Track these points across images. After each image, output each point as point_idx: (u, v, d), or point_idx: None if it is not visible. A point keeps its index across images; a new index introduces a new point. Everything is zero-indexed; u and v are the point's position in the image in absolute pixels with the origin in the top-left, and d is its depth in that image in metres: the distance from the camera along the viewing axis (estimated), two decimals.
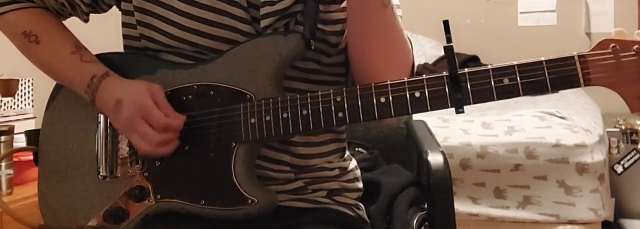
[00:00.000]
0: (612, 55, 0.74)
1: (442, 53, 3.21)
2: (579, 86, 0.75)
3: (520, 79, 0.76)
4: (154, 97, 0.87)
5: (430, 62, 3.06)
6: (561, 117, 2.13)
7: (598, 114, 2.43)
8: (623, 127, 2.51)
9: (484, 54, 3.11)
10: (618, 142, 2.45)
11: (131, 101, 0.86)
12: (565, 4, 3.25)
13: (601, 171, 1.99)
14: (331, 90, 0.83)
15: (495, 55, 3.11)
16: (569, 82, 0.75)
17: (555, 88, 0.75)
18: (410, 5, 3.35)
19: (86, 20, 1.02)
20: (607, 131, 2.40)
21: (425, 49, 3.20)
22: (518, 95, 0.76)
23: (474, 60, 3.07)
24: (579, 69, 0.74)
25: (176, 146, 0.87)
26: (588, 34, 3.21)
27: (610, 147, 2.40)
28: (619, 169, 2.22)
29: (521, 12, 3.33)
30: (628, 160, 2.23)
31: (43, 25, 0.97)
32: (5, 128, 1.64)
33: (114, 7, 1.01)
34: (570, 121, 2.10)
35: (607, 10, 3.18)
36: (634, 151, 2.25)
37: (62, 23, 1.00)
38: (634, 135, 2.47)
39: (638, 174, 2.31)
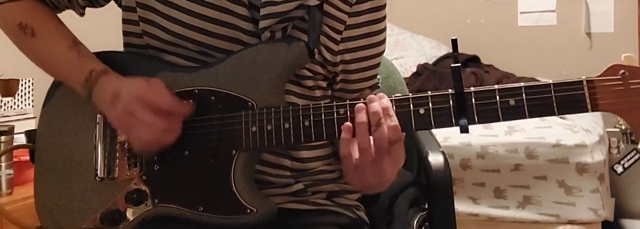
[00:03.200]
0: (621, 82, 0.73)
1: (442, 53, 3.21)
2: (586, 111, 0.74)
3: (526, 101, 0.75)
4: (153, 87, 0.85)
5: (430, 62, 3.06)
6: (561, 118, 2.13)
7: (598, 114, 2.43)
8: (623, 127, 2.51)
9: (484, 54, 3.11)
10: (618, 142, 2.45)
11: (130, 92, 0.84)
12: (565, 4, 3.24)
13: (601, 171, 1.99)
14: (335, 102, 0.82)
15: (495, 55, 3.11)
16: (576, 106, 0.75)
17: (562, 111, 0.75)
18: (410, 5, 3.35)
19: (82, 14, 1.01)
20: (607, 131, 2.40)
21: (426, 49, 3.19)
22: (524, 117, 0.76)
23: (474, 60, 3.07)
24: (586, 94, 0.74)
25: (179, 134, 0.85)
26: (588, 34, 3.21)
27: (610, 147, 2.40)
28: (619, 169, 2.22)
29: (521, 12, 3.32)
30: (628, 160, 2.23)
31: (40, 18, 0.95)
32: (5, 128, 1.64)
33: (112, 3, 1.00)
34: (570, 121, 2.10)
35: (607, 10, 3.18)
36: (634, 151, 2.25)
37: (58, 17, 0.99)
38: (634, 135, 2.47)
39: (638, 174, 2.31)
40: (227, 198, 0.83)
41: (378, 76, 1.05)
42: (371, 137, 0.78)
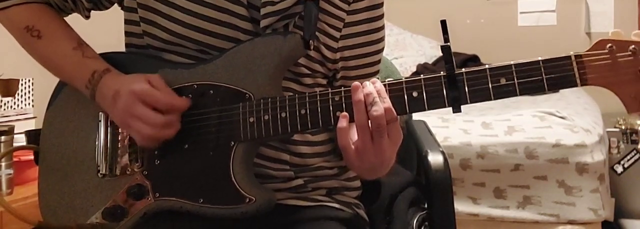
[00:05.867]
0: (608, 56, 0.74)
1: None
2: (575, 85, 0.75)
3: (517, 79, 0.76)
4: (152, 82, 0.88)
5: (430, 62, 3.06)
6: (561, 117, 2.13)
7: (598, 114, 2.44)
8: (623, 127, 2.51)
9: (484, 54, 3.11)
10: (618, 142, 2.45)
11: (128, 89, 0.86)
12: (565, 4, 3.25)
13: (601, 171, 1.99)
14: (330, 89, 0.83)
15: (495, 55, 3.10)
16: (565, 82, 0.76)
17: (552, 88, 0.76)
18: (410, 5, 3.36)
19: (87, 17, 1.03)
20: (607, 131, 2.40)
21: (425, 49, 3.20)
22: (515, 95, 0.77)
23: (473, 60, 3.07)
24: (575, 69, 0.75)
25: (178, 129, 0.87)
26: (588, 34, 3.21)
27: (610, 147, 2.40)
28: (619, 169, 2.22)
29: (521, 12, 3.33)
30: (628, 160, 2.23)
31: (45, 21, 0.97)
32: (6, 128, 1.64)
33: (115, 5, 1.01)
34: (570, 121, 2.10)
35: (607, 10, 3.19)
36: (634, 151, 2.25)
37: (64, 19, 1.01)
38: (634, 135, 2.47)
39: (638, 174, 2.31)
40: (227, 188, 0.84)
41: (378, 75, 1.06)
42: (368, 117, 0.80)
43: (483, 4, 3.38)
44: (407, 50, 3.19)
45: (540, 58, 0.76)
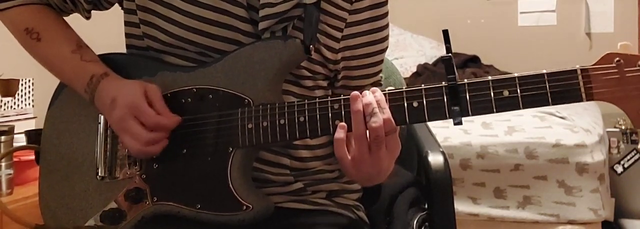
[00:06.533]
0: (616, 70, 0.72)
1: (442, 53, 3.21)
2: (581, 100, 0.73)
3: (520, 92, 0.75)
4: (148, 95, 0.87)
5: (430, 63, 3.06)
6: (561, 117, 2.13)
7: (598, 114, 2.44)
8: (623, 127, 2.51)
9: (484, 54, 3.11)
10: (618, 142, 2.45)
11: (124, 100, 0.86)
12: (565, 4, 3.24)
13: (601, 171, 1.99)
14: (329, 97, 0.83)
15: (495, 55, 3.11)
16: (570, 96, 0.73)
17: (556, 102, 0.74)
18: (410, 5, 3.35)
19: (88, 17, 1.02)
20: (607, 131, 2.40)
21: (426, 49, 3.20)
22: (518, 108, 0.75)
23: (474, 60, 3.07)
24: (581, 83, 0.73)
25: (165, 145, 0.87)
26: (588, 34, 3.21)
27: (610, 147, 2.40)
28: (619, 169, 2.22)
29: (521, 12, 3.32)
30: (628, 160, 2.23)
31: (45, 23, 0.97)
32: (6, 128, 1.64)
33: (116, 5, 1.01)
34: (570, 121, 2.10)
35: (607, 10, 3.18)
36: (634, 151, 2.25)
37: (65, 21, 1.00)
38: (634, 135, 2.47)
39: (638, 174, 2.31)
40: (224, 195, 0.84)
41: (380, 74, 1.05)
42: (367, 128, 0.79)
43: (483, 4, 3.38)
44: (407, 50, 3.19)
45: (544, 71, 0.74)
